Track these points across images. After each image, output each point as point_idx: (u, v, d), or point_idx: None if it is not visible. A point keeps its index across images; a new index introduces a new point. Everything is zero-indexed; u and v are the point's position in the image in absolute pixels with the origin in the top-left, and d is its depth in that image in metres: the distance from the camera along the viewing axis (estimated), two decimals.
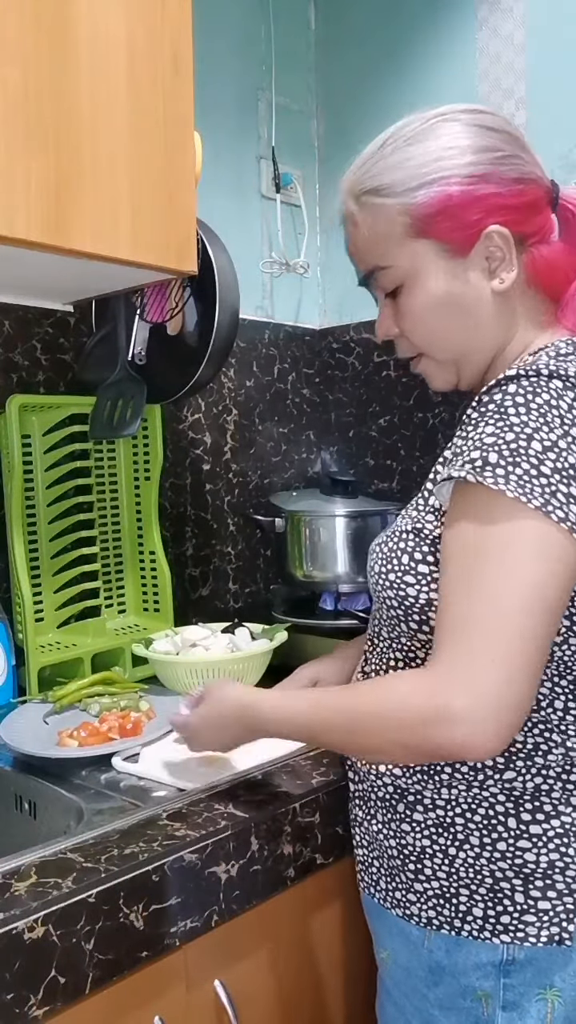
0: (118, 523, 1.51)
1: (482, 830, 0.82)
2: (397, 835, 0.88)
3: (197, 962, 0.88)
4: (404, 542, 0.85)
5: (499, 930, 0.81)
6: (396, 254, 0.87)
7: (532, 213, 0.85)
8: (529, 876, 0.81)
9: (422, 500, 0.86)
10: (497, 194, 0.83)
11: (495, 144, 0.85)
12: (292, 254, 1.82)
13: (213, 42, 1.67)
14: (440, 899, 0.84)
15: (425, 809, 0.85)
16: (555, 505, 0.71)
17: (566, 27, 1.50)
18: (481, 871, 0.82)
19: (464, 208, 0.83)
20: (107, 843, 0.85)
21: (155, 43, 1.10)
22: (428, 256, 0.86)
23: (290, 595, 1.68)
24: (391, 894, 0.89)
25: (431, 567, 0.82)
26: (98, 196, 1.05)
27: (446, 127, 0.85)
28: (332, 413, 1.92)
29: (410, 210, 0.85)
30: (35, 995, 0.73)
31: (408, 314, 0.89)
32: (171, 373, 1.39)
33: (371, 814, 0.91)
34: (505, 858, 0.81)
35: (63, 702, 1.23)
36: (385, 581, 0.85)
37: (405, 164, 0.85)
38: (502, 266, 0.85)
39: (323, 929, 1.04)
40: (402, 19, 1.72)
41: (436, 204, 0.84)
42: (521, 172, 0.85)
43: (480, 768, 0.82)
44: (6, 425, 1.30)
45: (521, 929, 0.81)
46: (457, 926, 0.83)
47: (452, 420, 1.70)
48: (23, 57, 0.97)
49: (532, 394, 0.75)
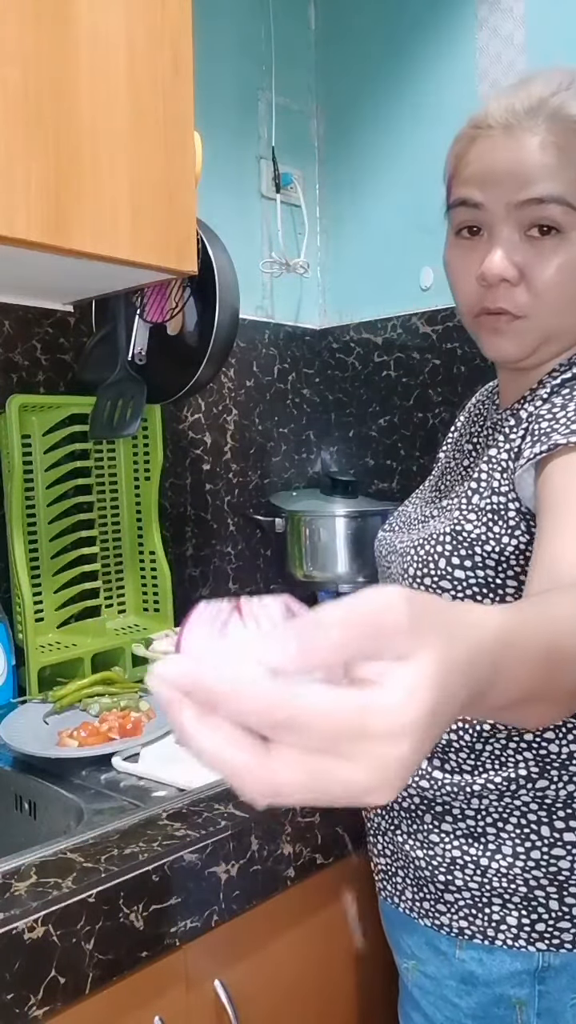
0: (118, 523, 1.51)
1: (515, 839, 0.81)
2: (425, 846, 0.86)
3: (197, 962, 0.88)
4: (441, 545, 0.82)
5: (534, 938, 0.80)
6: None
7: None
8: (564, 883, 0.80)
9: (464, 500, 0.83)
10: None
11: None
12: (292, 254, 1.82)
13: (213, 42, 1.67)
14: (472, 909, 0.83)
15: (454, 819, 0.84)
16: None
17: (566, 27, 1.50)
18: (515, 880, 0.81)
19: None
20: (107, 843, 0.85)
21: (155, 43, 1.10)
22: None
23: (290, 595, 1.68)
24: (419, 904, 0.88)
25: (467, 572, 0.80)
26: (98, 196, 1.05)
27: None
28: (332, 413, 1.92)
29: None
30: (35, 995, 0.73)
31: (553, 265, 0.77)
32: (171, 373, 1.39)
33: (394, 824, 0.90)
34: (540, 866, 0.80)
35: (63, 702, 1.23)
36: (420, 586, 0.83)
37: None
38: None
39: (323, 929, 1.04)
40: (402, 19, 1.72)
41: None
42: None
43: (513, 778, 0.81)
44: (6, 425, 1.30)
45: (556, 936, 0.80)
46: (491, 935, 0.82)
47: (452, 420, 1.70)
48: (23, 57, 0.97)
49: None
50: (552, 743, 0.80)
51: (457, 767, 0.83)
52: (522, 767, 0.80)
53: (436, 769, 0.84)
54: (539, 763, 0.80)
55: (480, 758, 0.82)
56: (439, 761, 0.84)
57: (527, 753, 0.80)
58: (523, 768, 0.80)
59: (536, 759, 0.80)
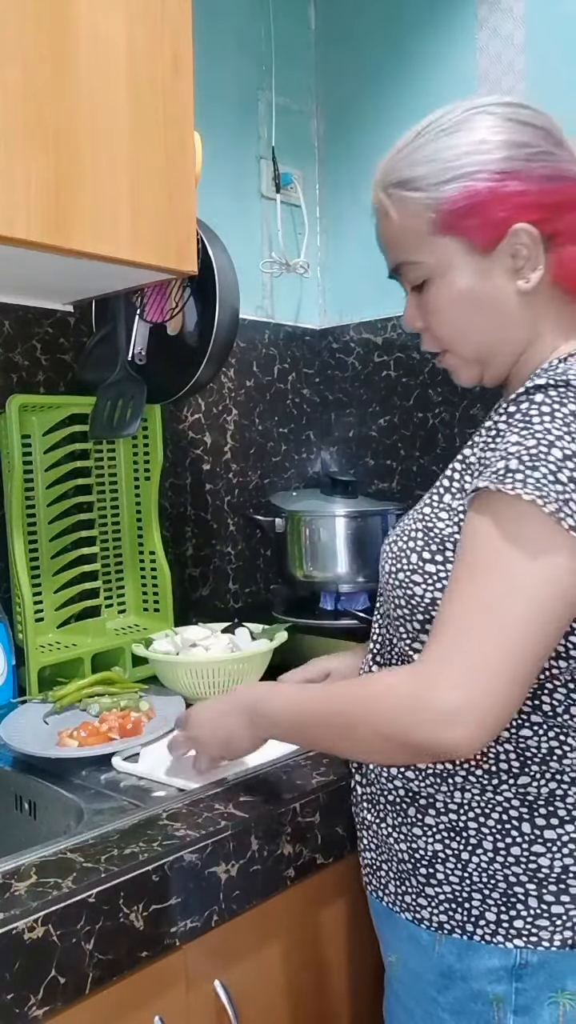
0: (118, 523, 1.51)
1: (496, 834, 0.82)
2: (408, 839, 0.87)
3: (197, 962, 0.88)
4: (413, 541, 0.85)
5: (512, 934, 0.81)
6: (422, 249, 0.86)
7: (563, 212, 0.83)
8: (543, 880, 0.80)
9: (436, 497, 0.86)
10: (525, 192, 0.81)
11: (529, 140, 0.83)
12: (292, 254, 1.82)
13: (213, 42, 1.67)
14: (452, 903, 0.84)
15: (437, 813, 0.85)
16: (567, 513, 0.70)
17: (566, 27, 1.50)
18: (495, 875, 0.82)
19: (491, 205, 0.82)
20: (107, 843, 0.85)
21: (155, 43, 1.10)
22: (454, 252, 0.84)
23: (290, 595, 1.68)
24: (401, 898, 0.89)
25: (438, 566, 0.82)
26: (98, 196, 1.05)
27: (480, 120, 0.83)
28: (332, 413, 1.92)
29: (437, 205, 0.83)
30: (35, 995, 0.73)
31: (433, 310, 0.88)
32: (171, 373, 1.39)
33: (381, 817, 0.91)
34: (519, 863, 0.81)
35: (63, 702, 1.23)
36: (394, 580, 0.85)
37: (435, 157, 0.83)
38: (528, 265, 0.83)
39: (323, 929, 1.04)
40: (402, 19, 1.72)
41: (463, 200, 0.82)
42: (555, 170, 0.82)
43: (494, 772, 0.82)
44: (6, 425, 1.30)
45: (535, 933, 0.80)
46: (469, 930, 0.83)
47: (452, 420, 1.70)
48: (23, 57, 0.97)
49: (559, 404, 0.75)
50: (531, 739, 0.81)
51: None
52: (503, 760, 0.81)
53: None
54: (520, 757, 0.81)
55: None
56: None
57: (507, 745, 0.81)
58: (504, 762, 0.81)
59: (516, 752, 0.81)
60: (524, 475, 0.72)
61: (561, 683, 0.79)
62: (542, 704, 0.80)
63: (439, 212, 0.83)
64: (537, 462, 0.72)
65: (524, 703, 0.79)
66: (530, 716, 0.80)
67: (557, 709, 0.80)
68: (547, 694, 0.80)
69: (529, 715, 0.80)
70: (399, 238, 0.87)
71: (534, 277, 0.84)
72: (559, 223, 0.83)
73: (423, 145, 0.85)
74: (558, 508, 0.70)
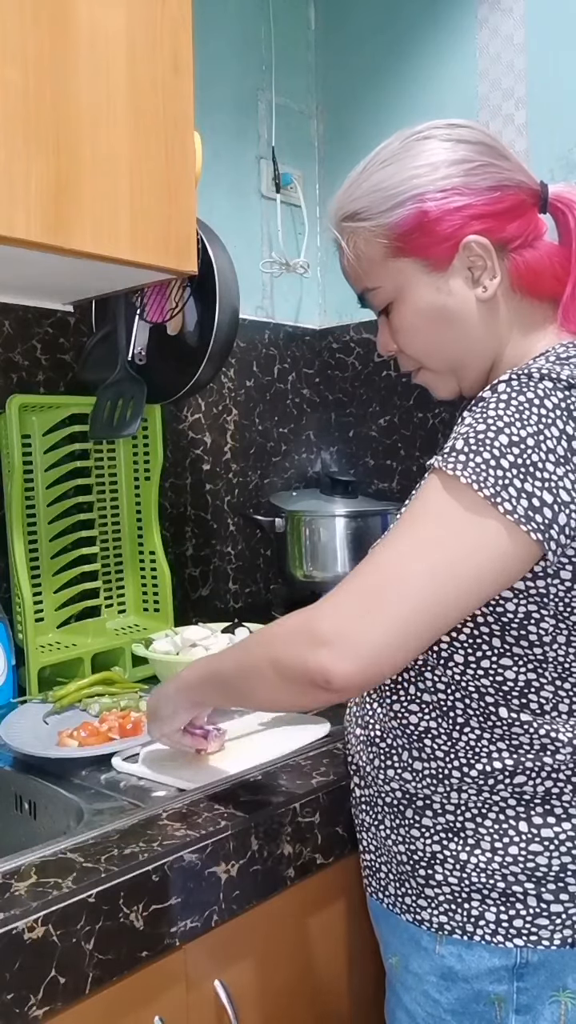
0: (118, 523, 1.51)
1: (493, 835, 0.82)
2: (406, 840, 0.87)
3: (197, 962, 0.88)
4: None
5: (512, 934, 0.81)
6: (381, 275, 0.89)
7: (511, 219, 0.86)
8: (542, 879, 0.81)
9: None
10: (471, 204, 0.84)
11: (468, 156, 0.86)
12: (292, 254, 1.82)
13: (213, 42, 1.67)
14: (451, 904, 0.84)
15: (435, 814, 0.85)
16: (504, 498, 0.72)
17: (566, 27, 1.50)
18: (493, 875, 0.82)
19: (439, 222, 0.85)
20: (107, 843, 0.85)
21: (155, 43, 1.10)
22: (411, 273, 0.88)
23: (290, 595, 1.68)
24: (400, 900, 0.89)
25: None
26: (98, 196, 1.05)
27: (420, 145, 0.87)
28: (332, 413, 1.92)
29: (387, 232, 0.87)
30: (35, 995, 0.73)
31: (400, 331, 0.92)
32: (171, 373, 1.39)
33: (378, 819, 0.91)
34: (517, 862, 0.81)
35: (63, 702, 1.23)
36: None
37: (380, 187, 0.87)
38: (484, 274, 0.86)
39: (323, 929, 1.04)
40: (402, 19, 1.72)
41: (411, 222, 0.85)
42: (497, 179, 0.85)
43: (489, 772, 0.82)
44: (6, 425, 1.30)
45: (534, 932, 0.81)
46: (469, 931, 0.83)
47: (452, 420, 1.70)
48: (23, 57, 0.97)
49: (517, 391, 0.76)
50: (523, 735, 0.81)
51: (432, 753, 0.85)
52: (496, 759, 0.82)
53: (416, 760, 0.86)
54: (513, 755, 0.81)
55: (455, 747, 0.83)
56: (416, 751, 0.86)
57: (500, 744, 0.82)
58: (498, 761, 0.82)
59: (509, 750, 0.81)
60: (467, 458, 0.74)
61: (547, 681, 0.80)
62: (530, 702, 0.81)
63: (391, 238, 0.87)
64: (482, 447, 0.74)
65: (512, 701, 0.81)
66: (520, 714, 0.81)
67: (545, 707, 0.81)
68: (534, 692, 0.80)
69: (519, 712, 0.81)
70: (358, 268, 0.91)
71: (492, 285, 0.86)
72: (507, 230, 0.86)
73: (368, 177, 0.89)
74: (495, 493, 0.72)
